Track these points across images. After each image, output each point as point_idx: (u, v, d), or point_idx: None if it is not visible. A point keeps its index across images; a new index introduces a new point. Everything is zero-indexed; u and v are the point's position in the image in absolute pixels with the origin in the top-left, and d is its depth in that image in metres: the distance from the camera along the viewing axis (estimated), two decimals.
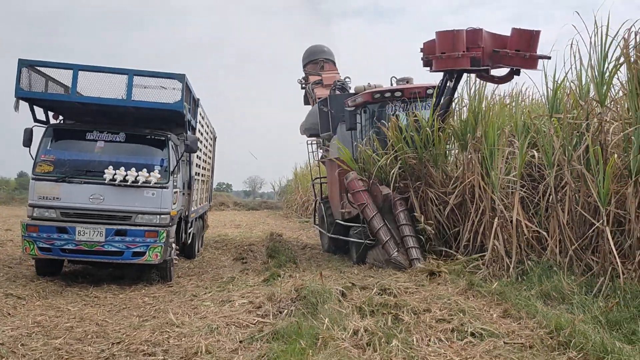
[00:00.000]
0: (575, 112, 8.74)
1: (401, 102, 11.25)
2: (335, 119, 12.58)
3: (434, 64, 9.46)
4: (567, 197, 8.01)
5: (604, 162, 7.27)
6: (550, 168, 8.31)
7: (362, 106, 11.51)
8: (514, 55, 8.87)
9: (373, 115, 11.52)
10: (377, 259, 10.03)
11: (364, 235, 10.21)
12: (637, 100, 7.42)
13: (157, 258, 8.60)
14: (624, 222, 7.38)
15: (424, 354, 4.70)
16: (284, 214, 30.95)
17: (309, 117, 14.43)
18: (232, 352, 5.33)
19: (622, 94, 8.29)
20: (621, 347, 4.56)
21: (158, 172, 8.68)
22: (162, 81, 8.66)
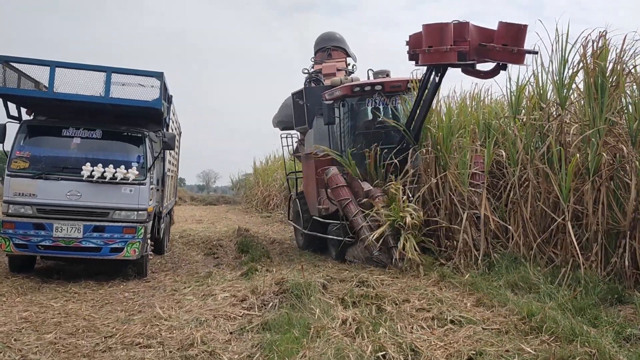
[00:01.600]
0: (536, 114, 9.32)
1: (381, 96, 10.96)
2: (311, 112, 12.12)
3: (420, 58, 9.17)
4: (530, 194, 8.55)
5: (565, 161, 7.83)
6: (515, 166, 8.83)
7: (340, 100, 11.18)
8: (501, 50, 8.60)
9: (352, 109, 11.33)
10: (357, 257, 9.89)
11: (343, 232, 10.04)
12: (594, 103, 8.00)
13: (135, 254, 8.70)
14: (582, 216, 7.95)
15: (410, 340, 5.05)
16: (244, 209, 30.97)
17: (283, 109, 13.94)
18: (226, 343, 5.55)
19: (580, 98, 8.86)
20: (588, 330, 5.04)
21: (136, 169, 8.76)
22: (141, 79, 8.74)
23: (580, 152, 8.16)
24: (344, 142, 11.15)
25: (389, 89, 10.90)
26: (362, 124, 11.25)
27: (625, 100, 8.20)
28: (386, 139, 10.68)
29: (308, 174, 12.48)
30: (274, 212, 24.90)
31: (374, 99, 10.97)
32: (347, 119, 11.24)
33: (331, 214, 10.88)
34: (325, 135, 11.54)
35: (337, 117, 11.10)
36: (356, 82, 11.42)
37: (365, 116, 11.42)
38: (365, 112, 11.36)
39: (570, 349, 4.57)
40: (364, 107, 11.30)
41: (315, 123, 11.93)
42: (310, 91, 12.38)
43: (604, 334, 5.01)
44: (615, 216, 7.48)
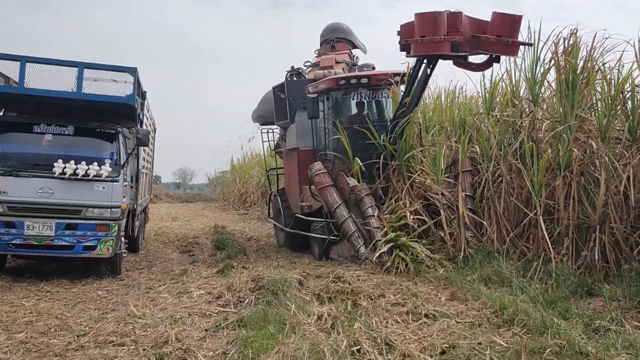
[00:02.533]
0: (509, 110, 9.46)
1: (367, 89, 10.63)
2: (293, 106, 11.62)
3: (412, 48, 8.84)
4: (503, 190, 8.67)
5: (537, 157, 7.96)
6: (488, 162, 8.94)
7: (325, 93, 10.77)
8: (495, 41, 8.32)
9: (336, 103, 11.00)
10: (342, 255, 9.59)
11: (328, 230, 9.74)
12: (565, 100, 8.15)
13: (109, 252, 8.58)
14: (553, 211, 8.10)
15: (385, 334, 5.09)
16: (221, 206, 30.77)
17: (263, 103, 13.43)
18: (201, 340, 5.53)
19: (552, 95, 9.01)
20: (558, 322, 5.15)
21: (109, 166, 8.62)
22: (114, 74, 8.61)
23: (552, 148, 8.31)
24: (328, 137, 10.82)
25: (375, 82, 10.53)
26: (347, 119, 10.92)
27: (595, 97, 8.37)
28: (372, 133, 10.27)
29: (290, 170, 12.14)
30: (251, 209, 24.77)
31: (360, 92, 10.68)
32: (332, 113, 10.91)
33: (314, 212, 10.56)
34: (308, 130, 11.25)
35: (322, 111, 10.73)
36: (341, 75, 10.96)
37: (350, 110, 11.15)
38: (351, 106, 11.06)
39: (541, 340, 4.66)
40: (349, 101, 11.01)
41: (297, 117, 11.55)
42: (293, 84, 11.94)
43: (574, 326, 5.12)
44: (585, 211, 7.63)
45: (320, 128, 11.01)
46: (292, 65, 12.50)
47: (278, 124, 12.67)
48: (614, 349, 4.54)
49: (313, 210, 10.58)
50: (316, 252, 10.39)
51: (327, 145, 10.70)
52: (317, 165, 10.01)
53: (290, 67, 12.44)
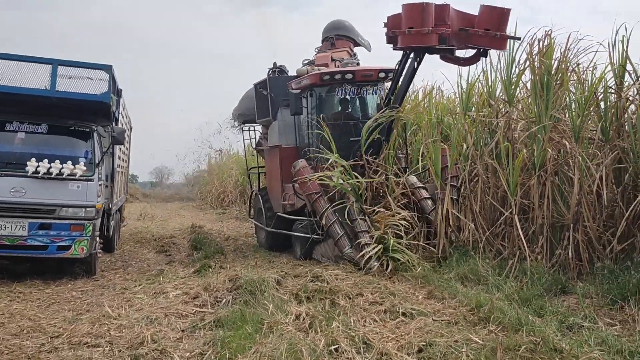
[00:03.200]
0: (485, 110, 9.57)
1: (351, 85, 10.37)
2: (275, 103, 11.35)
3: (400, 39, 8.64)
4: (479, 189, 8.77)
5: (513, 157, 8.07)
6: (465, 161, 9.03)
7: (308, 89, 10.56)
8: (483, 35, 8.26)
9: (320, 99, 10.72)
10: (325, 255, 9.41)
11: (311, 229, 9.54)
12: (540, 100, 8.27)
13: (83, 252, 8.43)
14: (528, 210, 8.21)
15: (363, 333, 5.11)
16: (198, 206, 30.56)
17: (244, 101, 13.21)
18: (177, 341, 5.47)
19: (527, 95, 9.14)
20: (533, 319, 5.22)
21: (83, 165, 8.48)
22: (88, 72, 8.45)
23: (527, 148, 8.43)
24: (311, 135, 10.63)
25: (360, 79, 10.33)
26: (331, 116, 10.67)
27: (569, 97, 8.51)
28: (356, 131, 10.28)
29: (272, 168, 11.87)
30: (229, 209, 24.64)
31: (344, 88, 10.42)
32: (315, 110, 10.66)
33: (297, 210, 10.37)
34: (291, 127, 11.04)
35: (305, 108, 10.55)
36: (325, 70, 10.69)
37: (334, 107, 10.94)
38: (334, 102, 10.88)
39: (516, 338, 4.72)
40: (333, 97, 10.78)
41: (280, 115, 11.28)
42: (275, 81, 11.64)
43: (548, 323, 5.20)
44: (559, 210, 7.76)
45: (303, 125, 10.83)
46: (274, 62, 12.25)
47: (260, 121, 12.39)
48: (587, 345, 4.61)
49: (296, 209, 10.37)
50: (298, 251, 10.21)
51: (311, 143, 10.53)
52: (301, 163, 9.81)
53: (273, 64, 12.19)
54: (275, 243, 11.43)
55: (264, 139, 12.76)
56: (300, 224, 10.06)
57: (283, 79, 11.59)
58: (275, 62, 12.24)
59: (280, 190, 11.04)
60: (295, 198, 10.23)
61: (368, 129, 9.62)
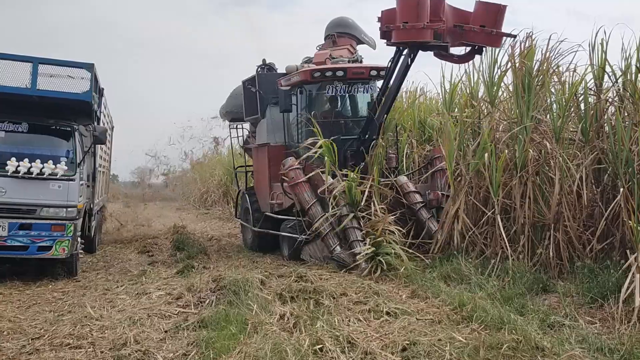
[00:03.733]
0: (468, 111, 9.65)
1: (342, 83, 10.22)
2: (264, 100, 11.19)
3: (394, 35, 8.42)
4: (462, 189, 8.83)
5: (496, 157, 8.15)
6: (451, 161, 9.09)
7: (298, 86, 10.37)
8: (479, 31, 8.09)
9: (310, 97, 10.54)
10: (314, 255, 9.14)
11: (300, 229, 9.35)
12: (521, 102, 8.36)
13: (64, 252, 8.34)
14: (510, 210, 8.30)
15: (347, 333, 5.13)
16: (181, 206, 30.39)
17: (231, 99, 12.91)
18: (161, 342, 5.44)
19: (509, 96, 9.24)
20: (515, 318, 5.29)
21: (65, 164, 8.39)
22: (70, 70, 8.36)
23: (509, 149, 8.52)
24: (301, 133, 10.45)
25: (352, 76, 10.17)
26: (320, 114, 10.44)
27: (550, 99, 8.63)
28: (346, 130, 10.27)
29: (259, 166, 11.69)
30: (212, 209, 24.54)
31: (335, 86, 10.24)
32: (305, 107, 10.49)
33: (285, 210, 10.15)
34: (279, 125, 10.85)
35: (294, 105, 10.37)
36: (316, 67, 10.42)
37: (324, 105, 10.74)
38: (325, 100, 10.69)
39: (498, 336, 4.77)
40: (323, 95, 10.57)
41: (268, 112, 11.11)
42: (264, 78, 11.43)
43: (530, 322, 5.27)
44: (540, 209, 7.85)
45: (292, 123, 10.65)
46: (263, 59, 12.03)
47: (248, 119, 12.19)
48: (568, 343, 4.68)
49: (284, 209, 10.18)
50: (286, 252, 9.97)
51: (300, 141, 10.32)
52: (290, 161, 9.61)
53: (262, 60, 11.98)
54: (262, 243, 11.22)
55: (251, 138, 12.54)
56: (288, 224, 9.85)
57: (272, 76, 11.39)
58: (264, 59, 12.03)
59: (268, 190, 10.86)
60: (283, 197, 10.02)
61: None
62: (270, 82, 11.15)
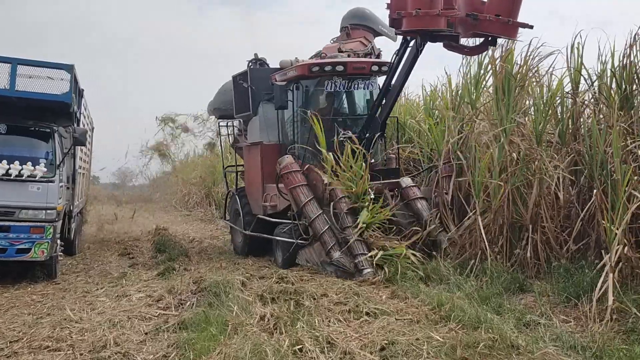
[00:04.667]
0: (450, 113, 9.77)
1: (342, 78, 9.63)
2: (256, 96, 10.55)
3: (405, 22, 7.90)
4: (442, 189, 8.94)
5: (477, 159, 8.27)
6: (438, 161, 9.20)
7: (294, 81, 9.78)
8: (494, 21, 7.62)
9: (307, 93, 9.93)
10: (310, 260, 8.52)
11: (295, 233, 8.79)
12: (501, 104, 8.49)
13: (44, 255, 8.29)
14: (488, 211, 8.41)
15: (327, 333, 5.17)
16: (162, 208, 30.23)
17: (220, 95, 12.24)
18: (141, 344, 5.45)
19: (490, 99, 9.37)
20: (492, 317, 5.38)
21: (44, 166, 8.34)
22: (49, 71, 8.34)
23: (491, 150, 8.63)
24: (297, 131, 9.89)
25: (352, 71, 9.59)
26: (318, 111, 9.77)
27: (529, 102, 8.78)
28: (345, 127, 9.67)
29: (251, 166, 11.01)
30: (194, 211, 24.45)
31: (334, 81, 9.65)
32: (302, 104, 9.88)
33: (279, 212, 9.55)
34: (273, 123, 10.26)
35: (291, 101, 9.72)
36: (315, 61, 9.84)
37: (322, 101, 10.18)
38: (323, 96, 10.13)
39: (475, 335, 4.86)
40: (321, 91, 9.99)
41: (261, 110, 10.51)
42: (256, 72, 10.76)
43: (506, 321, 5.36)
44: (519, 210, 7.97)
45: (288, 120, 10.10)
46: (255, 53, 11.43)
47: (238, 116, 11.44)
48: (543, 341, 4.78)
49: (278, 211, 9.63)
50: (280, 258, 9.28)
51: (296, 140, 9.86)
52: (287, 159, 9.09)
53: (254, 55, 11.40)
54: (253, 248, 10.63)
55: (241, 136, 11.86)
56: (283, 228, 9.24)
57: (265, 71, 10.84)
58: (256, 54, 11.45)
59: (260, 191, 10.28)
60: (277, 199, 9.46)
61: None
62: (263, 77, 10.59)
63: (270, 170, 9.53)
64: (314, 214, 8.41)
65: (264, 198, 10.08)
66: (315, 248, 8.42)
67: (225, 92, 11.94)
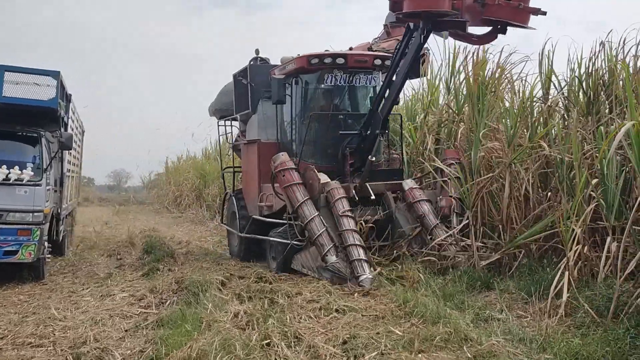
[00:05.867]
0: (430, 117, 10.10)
1: (343, 72, 9.27)
2: (255, 94, 10.26)
3: (405, 4, 7.46)
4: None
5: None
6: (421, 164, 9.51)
7: (294, 75, 9.42)
8: (503, 5, 7.14)
9: (307, 87, 9.57)
10: (306, 265, 8.12)
11: (290, 235, 8.44)
12: (475, 108, 8.80)
13: (31, 257, 8.49)
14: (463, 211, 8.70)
15: (296, 329, 5.45)
16: (155, 210, 30.40)
17: (221, 96, 11.93)
18: (119, 340, 5.72)
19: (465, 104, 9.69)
20: (451, 313, 5.67)
21: (31, 170, 8.58)
22: (36, 78, 8.57)
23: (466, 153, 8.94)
24: (295, 128, 9.60)
25: (353, 64, 9.21)
26: (318, 106, 9.59)
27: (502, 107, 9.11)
28: (346, 125, 9.47)
29: (249, 165, 10.72)
30: (186, 212, 24.67)
31: (334, 75, 9.28)
32: (301, 99, 9.54)
33: (275, 213, 9.20)
34: (272, 121, 9.94)
35: (289, 96, 9.40)
36: (314, 53, 9.32)
37: (322, 96, 9.77)
38: (323, 91, 9.72)
39: (433, 329, 5.14)
40: (321, 85, 9.60)
41: (260, 107, 10.21)
42: (256, 69, 10.42)
43: (465, 316, 5.65)
44: (490, 211, 8.27)
45: (286, 116, 9.81)
46: (256, 49, 10.96)
47: (238, 114, 11.04)
48: (495, 335, 5.07)
49: (274, 212, 9.25)
50: (274, 262, 8.96)
51: (294, 138, 9.60)
52: (282, 157, 8.67)
53: (255, 51, 10.95)
54: (249, 251, 10.26)
55: (241, 137, 11.50)
56: (277, 229, 8.92)
57: (265, 68, 10.47)
58: (257, 49, 10.97)
59: (257, 191, 9.94)
60: (274, 199, 9.08)
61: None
62: (263, 74, 10.24)
63: (268, 170, 9.08)
64: (310, 215, 8.02)
65: (260, 198, 9.72)
66: (311, 252, 8.05)
67: (226, 92, 11.65)
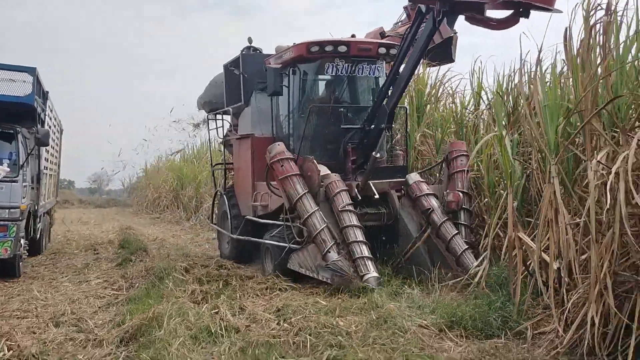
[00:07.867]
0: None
1: (345, 61, 8.64)
2: (248, 86, 9.62)
3: None
4: None
5: None
6: None
7: (291, 64, 8.71)
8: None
9: (305, 77, 8.89)
10: (304, 264, 7.51)
11: (289, 237, 7.86)
12: (414, 119, 9.99)
13: (7, 253, 8.51)
14: None
15: (242, 303, 6.54)
16: (134, 211, 31.05)
17: (210, 88, 11.27)
18: (93, 313, 6.74)
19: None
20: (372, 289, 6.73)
21: (7, 166, 8.63)
22: (11, 74, 8.66)
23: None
24: (292, 122, 8.89)
25: (356, 52, 8.56)
26: (317, 98, 9.06)
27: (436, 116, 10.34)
28: (347, 118, 8.89)
29: (241, 162, 10.04)
30: (164, 214, 25.42)
31: (336, 64, 8.63)
32: (299, 90, 8.83)
33: (271, 214, 8.62)
34: (266, 114, 9.35)
35: (286, 87, 8.73)
36: (314, 40, 8.57)
37: (322, 87, 9.28)
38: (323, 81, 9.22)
39: (352, 301, 6.31)
40: (321, 75, 8.99)
41: (254, 100, 9.59)
42: (249, 59, 9.79)
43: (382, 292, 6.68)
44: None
45: (282, 109, 9.15)
46: (249, 37, 10.36)
47: (229, 107, 10.26)
48: (399, 302, 6.15)
49: (269, 212, 8.67)
50: (269, 265, 8.39)
51: (292, 132, 8.90)
52: (278, 147, 8.04)
53: (248, 40, 10.35)
54: (241, 253, 9.78)
55: (232, 131, 10.73)
56: (273, 231, 8.34)
57: (259, 57, 9.87)
58: (250, 38, 10.40)
59: (250, 189, 9.31)
60: (269, 198, 8.52)
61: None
62: (256, 64, 9.61)
63: (262, 167, 8.48)
64: (310, 210, 7.48)
65: (254, 197, 9.11)
66: (309, 250, 7.45)
67: (216, 84, 11.01)
